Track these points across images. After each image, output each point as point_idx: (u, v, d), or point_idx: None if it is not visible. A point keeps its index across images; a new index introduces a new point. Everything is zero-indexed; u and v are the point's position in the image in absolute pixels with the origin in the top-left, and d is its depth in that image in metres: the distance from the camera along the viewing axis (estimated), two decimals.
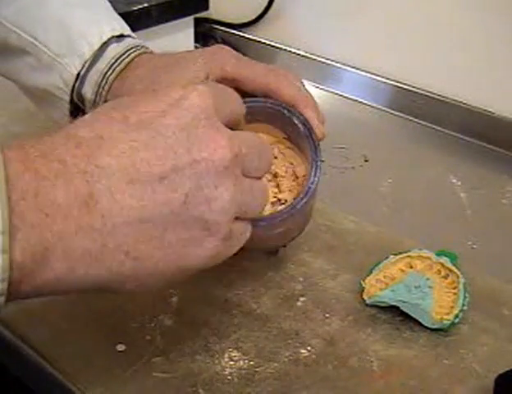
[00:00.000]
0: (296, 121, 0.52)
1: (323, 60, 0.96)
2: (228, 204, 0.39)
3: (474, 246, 0.65)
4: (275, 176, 0.54)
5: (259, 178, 0.43)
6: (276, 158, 0.54)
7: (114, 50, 0.58)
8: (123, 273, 0.38)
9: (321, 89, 0.96)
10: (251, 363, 0.50)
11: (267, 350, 0.51)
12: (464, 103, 0.85)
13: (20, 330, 0.53)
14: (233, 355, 0.51)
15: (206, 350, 0.51)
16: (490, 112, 0.83)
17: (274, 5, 1.00)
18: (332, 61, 0.96)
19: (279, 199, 0.53)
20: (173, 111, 0.39)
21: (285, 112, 0.52)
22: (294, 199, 0.51)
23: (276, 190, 0.53)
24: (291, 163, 0.55)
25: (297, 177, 0.54)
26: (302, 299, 0.56)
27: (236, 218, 0.41)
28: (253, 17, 1.02)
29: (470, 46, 0.85)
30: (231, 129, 0.41)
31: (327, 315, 0.55)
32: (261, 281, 0.58)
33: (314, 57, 0.97)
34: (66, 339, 0.52)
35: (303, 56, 0.97)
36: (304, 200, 0.49)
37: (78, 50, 0.58)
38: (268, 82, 0.53)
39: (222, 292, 0.57)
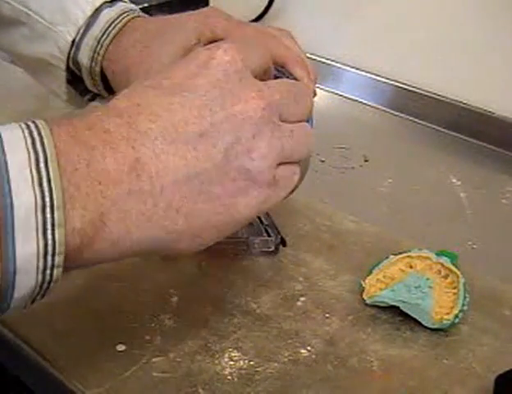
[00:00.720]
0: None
1: (323, 60, 0.97)
2: (267, 152, 0.40)
3: (474, 246, 0.65)
4: None
5: (300, 122, 0.44)
6: None
7: (107, 15, 0.59)
8: (177, 230, 0.39)
9: (321, 89, 0.96)
10: (251, 363, 0.50)
11: (267, 350, 0.51)
12: (464, 103, 0.85)
13: (20, 330, 0.53)
14: (233, 355, 0.51)
15: (206, 350, 0.51)
16: (490, 112, 0.83)
17: (274, 5, 1.00)
18: (332, 61, 0.96)
19: None
20: (203, 71, 0.40)
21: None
22: None
23: None
24: None
25: None
26: (302, 299, 0.56)
27: (282, 164, 0.42)
28: (253, 17, 1.02)
29: (470, 46, 0.85)
30: (262, 80, 0.43)
31: (327, 315, 0.55)
32: (261, 281, 0.58)
33: (314, 57, 0.97)
34: (66, 339, 0.52)
35: None
36: None
37: (71, 17, 0.59)
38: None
39: (222, 292, 0.57)
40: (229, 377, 0.49)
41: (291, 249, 0.61)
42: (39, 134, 0.35)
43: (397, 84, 0.90)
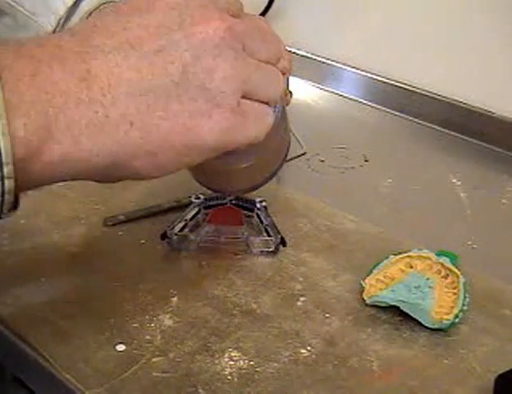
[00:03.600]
0: None
1: (323, 60, 0.96)
2: (230, 74, 0.39)
3: (474, 246, 0.65)
4: None
5: (269, 63, 0.43)
6: None
7: (88, 5, 0.59)
8: (131, 144, 0.38)
9: (321, 89, 0.96)
10: (251, 363, 0.50)
11: (267, 350, 0.51)
12: (464, 103, 0.85)
13: (20, 330, 0.53)
14: (233, 355, 0.51)
15: (206, 350, 0.51)
16: (490, 112, 0.83)
17: (274, 5, 1.00)
18: (332, 61, 0.96)
19: None
20: None
21: None
22: None
23: None
24: None
25: None
26: (302, 299, 0.56)
27: (251, 99, 0.41)
28: None
29: (470, 46, 0.85)
30: None
31: (327, 315, 0.55)
32: (261, 281, 0.58)
33: (314, 57, 0.97)
34: (66, 339, 0.52)
35: (303, 56, 0.97)
36: None
37: (52, 8, 0.59)
38: None
39: (222, 292, 0.57)
40: (229, 377, 0.49)
41: (291, 249, 0.61)
42: None
43: (397, 84, 0.90)
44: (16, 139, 0.35)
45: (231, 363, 0.50)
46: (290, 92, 0.56)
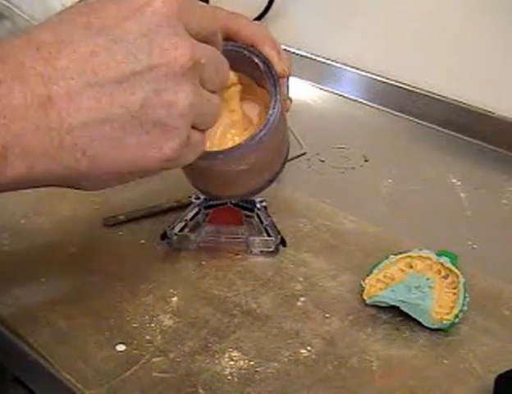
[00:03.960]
0: (256, 60, 0.52)
1: (323, 60, 0.96)
2: (188, 110, 0.40)
3: (474, 246, 0.65)
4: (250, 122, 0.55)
5: (214, 92, 0.44)
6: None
7: None
8: (79, 170, 0.39)
9: (321, 89, 0.96)
10: (251, 363, 0.50)
11: (267, 350, 0.51)
12: (464, 103, 0.85)
13: (20, 330, 0.53)
14: (233, 355, 0.51)
15: (206, 350, 0.51)
16: (490, 112, 0.83)
17: (274, 5, 1.00)
18: (332, 61, 0.96)
19: None
20: (136, 17, 0.39)
21: (246, 52, 0.52)
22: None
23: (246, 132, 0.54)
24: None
25: None
26: (302, 299, 0.56)
27: (193, 128, 0.42)
28: (254, 17, 1.02)
29: (470, 46, 0.85)
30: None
31: (327, 315, 0.55)
32: (261, 281, 0.58)
33: (314, 57, 0.97)
34: (66, 339, 0.52)
35: (303, 56, 0.97)
36: (263, 132, 0.49)
37: (51, 10, 0.59)
38: (227, 25, 0.53)
39: (222, 292, 0.57)
40: (229, 377, 0.49)
41: (291, 249, 0.61)
42: None
43: (397, 84, 0.90)
44: None
45: (231, 363, 0.50)
46: (290, 98, 0.56)
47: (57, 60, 0.37)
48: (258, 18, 1.02)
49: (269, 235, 0.61)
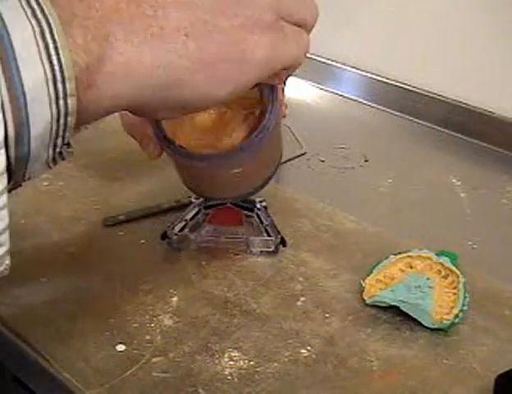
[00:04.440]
0: None
1: (323, 60, 0.96)
2: (275, 1, 0.41)
3: (474, 246, 0.65)
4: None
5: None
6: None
7: None
8: (190, 55, 0.38)
9: (321, 89, 0.96)
10: (251, 363, 0.50)
11: (267, 350, 0.51)
12: (464, 103, 0.85)
13: (20, 330, 0.53)
14: (233, 355, 0.51)
15: (206, 350, 0.51)
16: (490, 112, 0.83)
17: None
18: (332, 61, 0.96)
19: None
20: None
21: None
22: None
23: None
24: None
25: None
26: (302, 299, 0.56)
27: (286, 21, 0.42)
28: None
29: (470, 46, 0.85)
30: None
31: (327, 315, 0.55)
32: (261, 281, 0.58)
33: (314, 57, 0.97)
34: (66, 339, 0.52)
35: None
36: (259, 136, 0.49)
37: None
38: None
39: (222, 292, 0.57)
40: (229, 377, 0.49)
41: (291, 249, 0.61)
42: None
43: (397, 84, 0.90)
44: (76, 48, 0.34)
45: (231, 363, 0.50)
46: (285, 105, 0.57)
47: None
48: None
49: (269, 235, 0.61)
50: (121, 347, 0.51)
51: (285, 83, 0.53)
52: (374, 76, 0.92)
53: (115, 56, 0.36)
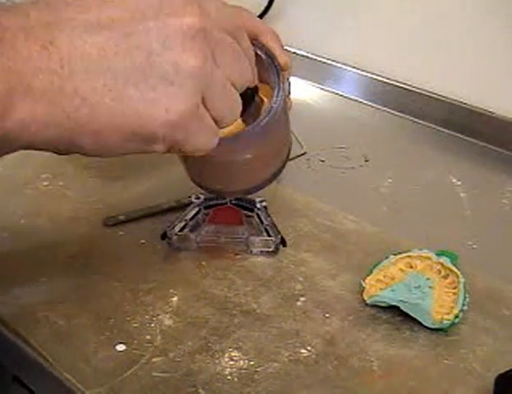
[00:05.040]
0: (259, 52, 0.52)
1: (323, 60, 0.96)
2: (196, 72, 0.39)
3: (474, 246, 0.65)
4: None
5: (233, 85, 0.42)
6: None
7: None
8: (79, 120, 0.38)
9: (321, 89, 0.96)
10: (251, 363, 0.50)
11: (267, 350, 0.51)
12: (464, 103, 0.85)
13: (20, 330, 0.53)
14: (233, 355, 0.51)
15: (206, 350, 0.51)
16: (490, 112, 0.83)
17: (274, 5, 1.00)
18: (332, 61, 0.96)
19: None
20: None
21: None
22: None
23: None
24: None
25: None
26: (302, 299, 0.56)
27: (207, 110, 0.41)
28: None
29: (470, 46, 0.85)
30: None
31: (327, 315, 0.55)
32: (261, 281, 0.58)
33: (314, 57, 0.97)
34: (66, 339, 0.52)
35: (303, 56, 0.97)
36: (267, 118, 0.49)
37: None
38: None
39: (222, 292, 0.57)
40: (229, 378, 0.49)
41: (291, 249, 0.61)
42: None
43: (397, 84, 0.90)
44: None
45: (231, 363, 0.50)
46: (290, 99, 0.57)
47: (65, 11, 0.38)
48: (259, 18, 1.02)
49: (269, 235, 0.61)
50: (121, 347, 0.51)
51: (288, 77, 0.53)
52: (374, 76, 0.92)
53: (13, 113, 0.37)
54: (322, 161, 0.78)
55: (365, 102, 0.93)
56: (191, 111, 0.40)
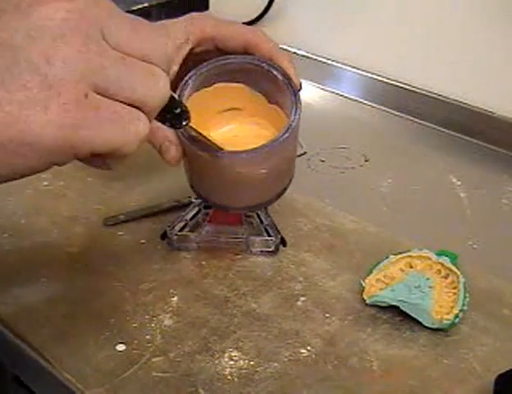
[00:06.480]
0: (275, 73, 0.54)
1: (323, 60, 0.96)
2: (72, 60, 0.34)
3: (474, 246, 0.65)
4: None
5: (144, 61, 0.37)
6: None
7: None
8: None
9: (321, 89, 0.96)
10: (251, 363, 0.50)
11: (267, 350, 0.51)
12: (464, 103, 0.85)
13: (20, 330, 0.53)
14: (233, 355, 0.51)
15: (206, 350, 0.51)
16: (490, 112, 0.83)
17: (274, 5, 1.00)
18: (332, 61, 0.96)
19: None
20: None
21: (265, 65, 0.54)
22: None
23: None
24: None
25: None
26: (302, 299, 0.56)
27: (107, 97, 0.35)
28: (254, 17, 1.02)
29: (470, 46, 0.85)
30: None
31: (327, 315, 0.55)
32: (261, 281, 0.58)
33: (314, 57, 0.97)
34: (66, 339, 0.52)
35: (303, 56, 0.97)
36: (286, 135, 0.51)
37: None
38: (246, 39, 0.54)
39: (222, 292, 0.57)
40: (229, 377, 0.49)
41: (291, 249, 0.61)
42: None
43: (397, 84, 0.90)
44: None
45: (231, 363, 0.50)
46: None
47: None
48: (258, 18, 1.02)
49: (269, 235, 0.61)
50: (121, 347, 0.51)
51: (300, 86, 0.55)
52: (374, 76, 0.92)
53: None
54: (322, 161, 0.78)
55: (365, 102, 0.93)
56: (77, 102, 0.34)
